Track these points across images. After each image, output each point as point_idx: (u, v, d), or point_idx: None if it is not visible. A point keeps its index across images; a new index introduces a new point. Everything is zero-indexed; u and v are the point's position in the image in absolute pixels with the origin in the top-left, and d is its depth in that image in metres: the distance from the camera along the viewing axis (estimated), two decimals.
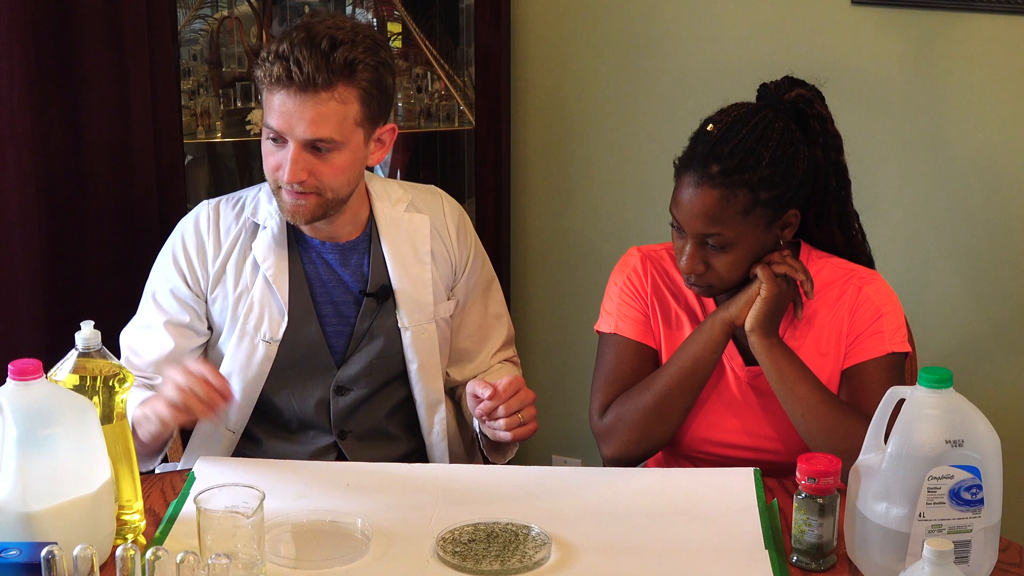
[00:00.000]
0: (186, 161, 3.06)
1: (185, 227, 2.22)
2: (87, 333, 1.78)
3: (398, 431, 2.28)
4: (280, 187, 2.10)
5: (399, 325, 2.22)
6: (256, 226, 2.20)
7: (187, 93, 3.06)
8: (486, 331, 2.36)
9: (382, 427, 2.26)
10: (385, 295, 2.21)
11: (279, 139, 2.07)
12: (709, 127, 2.04)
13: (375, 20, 3.39)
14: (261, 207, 2.21)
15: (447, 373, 2.33)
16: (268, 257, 2.18)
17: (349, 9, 3.40)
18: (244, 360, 2.18)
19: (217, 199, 2.25)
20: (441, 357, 2.28)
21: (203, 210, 2.23)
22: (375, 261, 2.21)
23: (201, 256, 2.19)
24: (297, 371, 2.20)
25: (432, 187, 2.35)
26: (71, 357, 1.78)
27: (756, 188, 1.99)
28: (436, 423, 2.27)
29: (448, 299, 2.29)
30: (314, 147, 2.06)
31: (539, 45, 3.20)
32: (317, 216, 2.12)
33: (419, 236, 2.24)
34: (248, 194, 2.25)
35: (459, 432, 2.35)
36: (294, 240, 2.20)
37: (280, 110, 2.04)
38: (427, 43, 3.27)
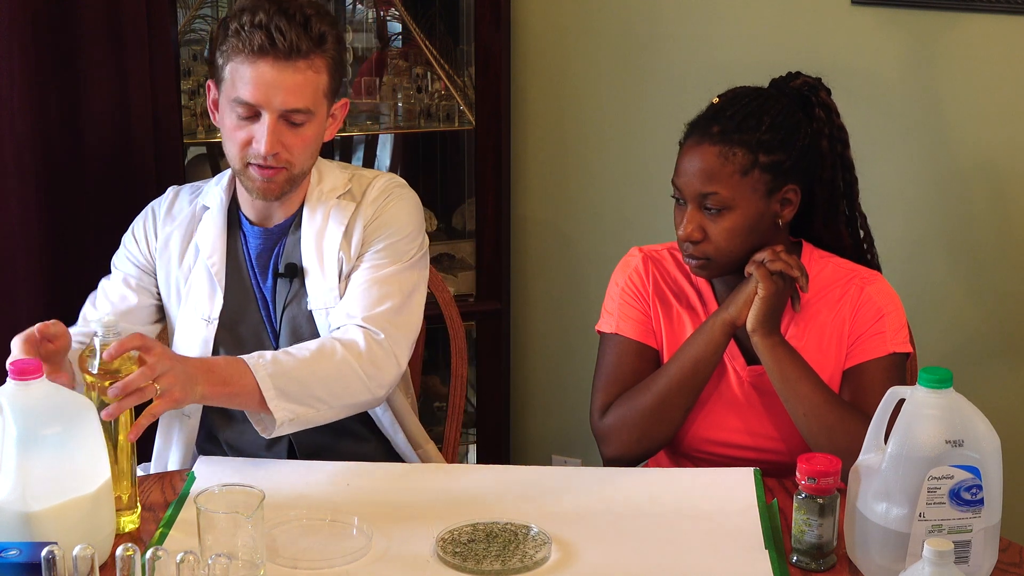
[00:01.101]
0: (186, 161, 3.06)
1: (147, 207, 2.30)
2: (107, 321, 1.80)
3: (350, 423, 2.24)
4: (248, 164, 2.12)
5: (309, 307, 2.22)
6: (205, 209, 2.25)
7: (187, 93, 3.06)
8: (357, 296, 2.18)
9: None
10: (293, 273, 2.21)
11: (250, 115, 2.09)
12: (714, 100, 2.10)
13: (375, 20, 3.39)
14: (210, 191, 2.26)
15: None
16: (207, 237, 2.22)
17: (350, 8, 3.40)
18: (189, 339, 2.21)
19: (184, 185, 2.32)
20: None
21: (167, 192, 2.30)
22: (290, 242, 2.23)
23: (153, 227, 2.26)
24: (238, 352, 2.15)
25: (380, 172, 2.30)
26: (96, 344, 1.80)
27: (755, 149, 2.01)
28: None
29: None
30: (287, 119, 2.09)
31: (539, 45, 3.20)
32: (285, 191, 2.15)
33: (338, 220, 2.22)
34: (209, 182, 2.30)
35: (402, 397, 2.33)
36: (236, 222, 2.24)
37: (258, 81, 2.06)
38: (427, 43, 3.27)
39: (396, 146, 3.51)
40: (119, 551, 1.53)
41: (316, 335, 2.19)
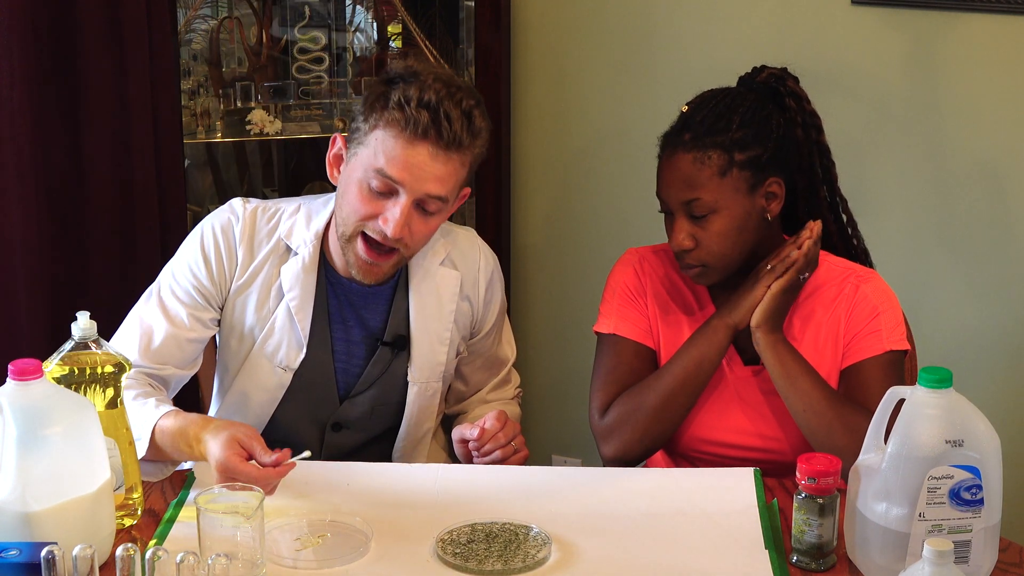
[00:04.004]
0: (186, 162, 3.06)
1: (219, 224, 2.14)
2: (84, 324, 1.78)
3: None
4: (360, 235, 2.03)
5: (408, 378, 2.20)
6: (287, 249, 2.14)
7: (187, 93, 3.07)
8: (490, 378, 2.35)
9: None
10: (401, 346, 2.18)
11: (386, 191, 1.99)
12: (683, 108, 2.09)
13: (375, 21, 3.39)
14: (297, 230, 2.14)
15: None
16: (295, 287, 2.12)
17: (350, 8, 3.40)
18: (259, 381, 2.16)
19: (252, 204, 2.17)
20: (437, 414, 2.28)
21: (238, 211, 2.15)
22: (398, 310, 2.18)
23: (231, 259, 2.13)
24: (301, 400, 2.18)
25: (470, 233, 2.28)
26: (64, 348, 1.79)
27: (729, 149, 2.01)
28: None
29: (458, 354, 2.27)
30: (422, 205, 2.00)
31: (539, 45, 3.20)
32: (386, 277, 2.09)
33: (447, 293, 2.20)
34: (285, 209, 2.17)
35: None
36: (323, 272, 2.15)
37: (409, 162, 1.96)
38: (427, 43, 3.27)
39: None
40: (119, 551, 1.53)
41: (403, 403, 2.20)
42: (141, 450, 1.92)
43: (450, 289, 2.20)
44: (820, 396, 2.01)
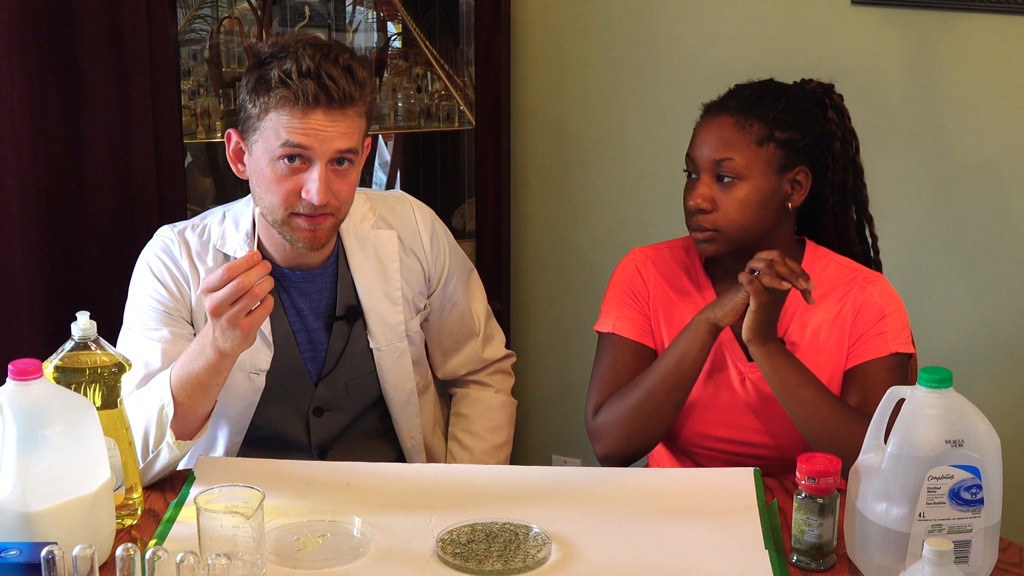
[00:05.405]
0: (186, 161, 3.06)
1: (158, 249, 2.16)
2: (84, 324, 1.78)
3: (380, 456, 2.27)
4: (293, 214, 2.03)
5: (370, 346, 2.21)
6: (225, 256, 2.15)
7: (187, 93, 3.07)
8: (469, 327, 2.37)
9: (363, 450, 2.25)
10: (355, 315, 2.20)
11: (297, 159, 2.00)
12: (731, 86, 2.14)
13: (375, 20, 3.39)
14: (229, 236, 2.16)
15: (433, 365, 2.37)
16: None
17: (350, 8, 3.40)
18: (235, 392, 2.14)
19: (179, 226, 2.19)
20: (417, 375, 2.28)
21: (169, 235, 2.17)
22: (343, 283, 2.20)
23: (182, 274, 2.14)
24: (277, 394, 2.19)
25: (399, 193, 2.32)
26: (64, 348, 1.79)
27: (771, 124, 2.06)
28: (408, 439, 2.29)
29: (419, 311, 2.28)
30: (337, 163, 2.02)
31: (539, 45, 3.20)
32: (329, 239, 2.09)
33: (387, 253, 2.22)
34: (211, 221, 2.19)
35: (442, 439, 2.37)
36: None
37: (308, 127, 1.98)
38: (427, 43, 3.27)
39: (396, 146, 3.51)
40: (119, 551, 1.53)
41: (375, 372, 2.22)
42: (170, 413, 1.92)
43: (389, 248, 2.22)
44: (822, 404, 2.01)
